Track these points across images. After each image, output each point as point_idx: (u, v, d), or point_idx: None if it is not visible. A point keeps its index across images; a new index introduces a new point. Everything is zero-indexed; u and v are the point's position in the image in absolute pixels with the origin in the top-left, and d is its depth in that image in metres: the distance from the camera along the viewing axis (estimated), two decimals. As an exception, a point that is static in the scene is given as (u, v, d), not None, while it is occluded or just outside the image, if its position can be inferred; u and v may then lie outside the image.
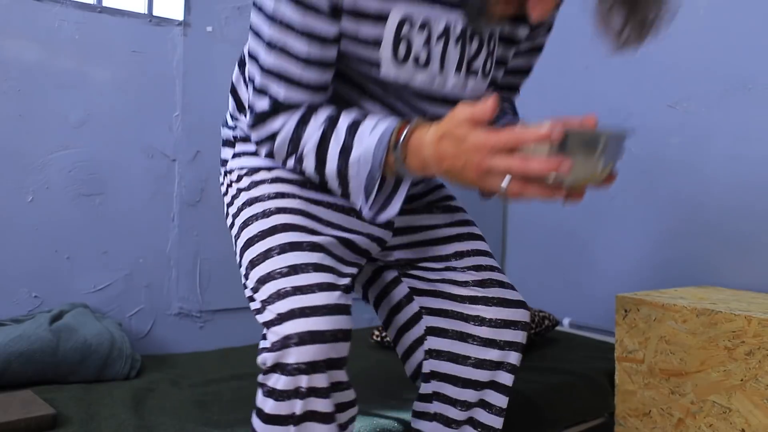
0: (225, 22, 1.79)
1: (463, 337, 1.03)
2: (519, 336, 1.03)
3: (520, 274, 2.39)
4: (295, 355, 0.78)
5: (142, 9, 1.69)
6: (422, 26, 0.86)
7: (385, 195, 0.86)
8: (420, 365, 1.07)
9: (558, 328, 2.12)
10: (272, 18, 0.82)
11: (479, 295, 1.04)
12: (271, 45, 0.84)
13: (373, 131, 0.82)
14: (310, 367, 0.78)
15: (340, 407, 0.85)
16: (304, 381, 0.78)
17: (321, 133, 0.85)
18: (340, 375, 0.84)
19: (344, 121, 0.85)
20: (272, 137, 0.88)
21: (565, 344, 1.91)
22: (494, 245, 2.41)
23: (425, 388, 1.05)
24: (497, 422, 1.03)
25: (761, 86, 1.66)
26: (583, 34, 2.13)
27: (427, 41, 0.87)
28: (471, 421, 1.03)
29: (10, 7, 1.51)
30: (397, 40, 0.85)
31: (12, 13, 1.51)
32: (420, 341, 1.07)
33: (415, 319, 1.08)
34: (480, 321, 1.02)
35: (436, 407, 1.04)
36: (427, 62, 0.88)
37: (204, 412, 1.22)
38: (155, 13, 1.70)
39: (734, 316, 1.31)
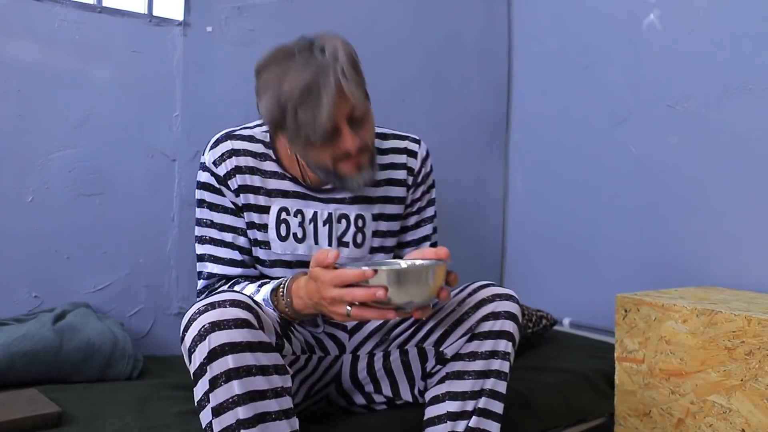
0: (225, 22, 1.79)
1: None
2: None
3: (520, 274, 2.39)
4: None
5: (142, 9, 1.68)
6: (296, 213, 1.20)
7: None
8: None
9: (558, 327, 2.13)
10: (198, 220, 1.20)
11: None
12: (200, 239, 1.20)
13: (261, 293, 1.10)
14: None
15: None
16: None
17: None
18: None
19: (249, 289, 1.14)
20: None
21: (565, 344, 1.91)
22: (494, 245, 2.41)
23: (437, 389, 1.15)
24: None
25: (761, 86, 1.66)
26: (584, 33, 2.14)
27: (301, 224, 1.19)
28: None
29: (9, 7, 1.51)
30: (278, 223, 1.18)
31: (12, 13, 1.51)
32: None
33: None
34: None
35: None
36: (303, 238, 1.20)
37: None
38: (155, 13, 1.70)
39: (734, 316, 1.31)
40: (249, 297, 0.98)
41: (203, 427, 0.93)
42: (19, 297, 1.54)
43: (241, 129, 1.22)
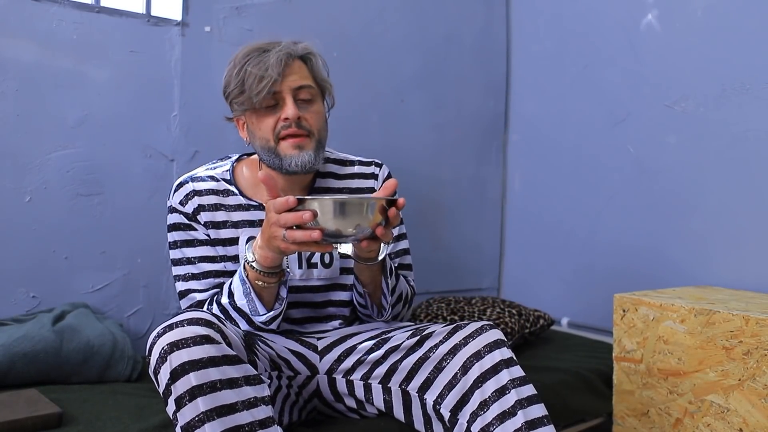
0: (223, 22, 1.79)
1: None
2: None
3: (518, 274, 2.39)
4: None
5: (140, 9, 1.68)
6: None
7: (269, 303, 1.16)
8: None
9: (556, 327, 2.13)
10: (175, 261, 1.28)
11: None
12: (181, 277, 1.26)
13: (234, 277, 1.17)
14: None
15: None
16: None
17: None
18: None
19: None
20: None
21: (563, 344, 1.91)
22: (493, 245, 2.42)
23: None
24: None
25: (759, 86, 1.66)
26: (582, 33, 2.14)
27: None
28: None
29: (7, 7, 1.51)
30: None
31: (10, 13, 1.51)
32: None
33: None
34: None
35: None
36: None
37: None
38: (153, 13, 1.69)
39: (732, 315, 1.31)
40: (210, 313, 0.98)
41: None
42: (17, 297, 1.53)
43: (201, 171, 1.31)
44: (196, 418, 0.89)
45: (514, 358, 1.09)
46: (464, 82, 2.31)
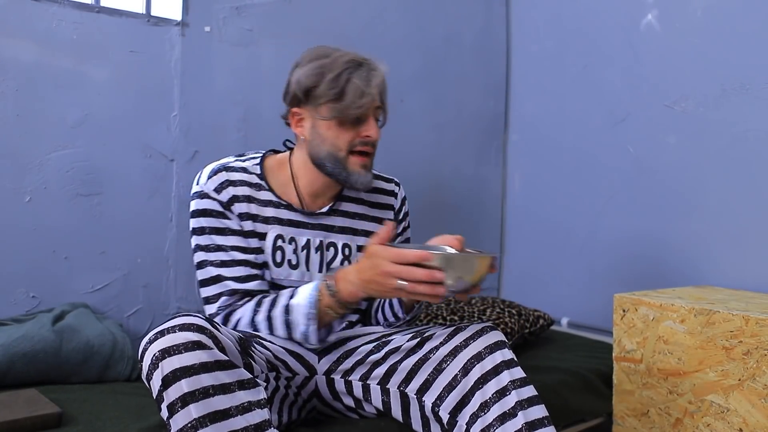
0: (223, 22, 1.79)
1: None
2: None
3: (518, 274, 2.39)
4: None
5: (140, 9, 1.68)
6: (290, 241, 1.25)
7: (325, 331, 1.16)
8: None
9: (556, 327, 2.13)
10: (201, 247, 1.22)
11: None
12: (209, 263, 1.21)
13: (301, 293, 1.15)
14: None
15: None
16: None
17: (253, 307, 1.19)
18: None
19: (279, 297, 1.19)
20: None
21: (563, 344, 1.91)
22: (493, 245, 2.41)
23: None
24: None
25: (758, 86, 1.66)
26: (582, 34, 2.14)
27: (295, 251, 1.25)
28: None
29: (7, 7, 1.51)
30: (274, 249, 1.24)
31: (10, 13, 1.51)
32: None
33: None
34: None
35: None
36: (297, 265, 1.26)
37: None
38: (153, 13, 1.69)
39: (732, 315, 1.31)
40: (203, 318, 0.97)
41: None
42: (17, 297, 1.53)
43: (233, 162, 1.27)
44: (189, 425, 0.89)
45: (515, 359, 1.09)
46: (464, 82, 2.31)
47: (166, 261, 1.72)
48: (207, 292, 1.21)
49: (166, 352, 0.90)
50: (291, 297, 1.15)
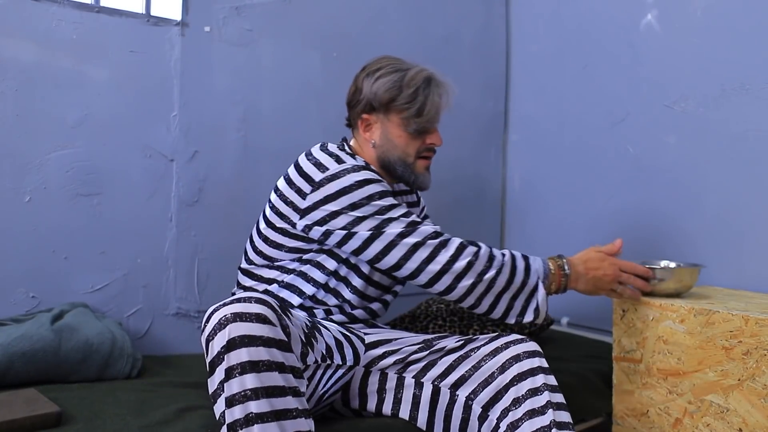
0: (223, 22, 1.79)
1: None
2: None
3: (517, 274, 2.39)
4: None
5: (139, 9, 1.68)
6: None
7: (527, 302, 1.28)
8: None
9: (556, 327, 2.13)
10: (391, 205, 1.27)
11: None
12: (406, 214, 1.30)
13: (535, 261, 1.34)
14: None
15: None
16: None
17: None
18: None
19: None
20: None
21: (563, 343, 1.91)
22: (492, 245, 2.41)
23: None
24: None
25: (758, 86, 1.66)
26: (582, 33, 2.14)
27: None
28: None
29: (7, 6, 1.51)
30: None
31: (9, 13, 1.51)
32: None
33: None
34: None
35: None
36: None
37: (209, 413, 1.21)
38: (153, 13, 1.69)
39: (732, 315, 1.31)
40: (276, 301, 1.01)
41: (217, 418, 0.94)
42: (16, 297, 1.53)
43: (351, 161, 1.31)
44: (242, 394, 0.91)
45: (550, 368, 1.16)
46: (464, 82, 2.31)
47: (165, 261, 1.72)
48: (433, 228, 1.32)
49: (238, 317, 0.93)
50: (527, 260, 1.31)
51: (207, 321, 0.96)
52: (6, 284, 1.52)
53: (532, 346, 1.17)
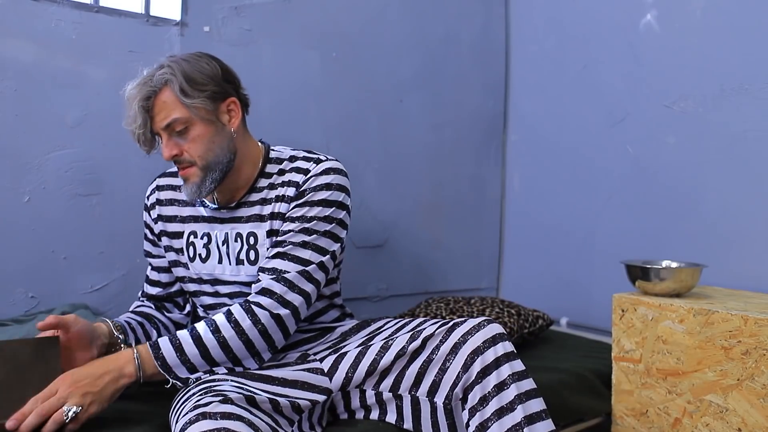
0: (222, 22, 1.79)
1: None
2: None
3: (517, 274, 2.39)
4: None
5: (139, 9, 1.68)
6: (203, 236, 1.32)
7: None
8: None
9: (555, 327, 2.13)
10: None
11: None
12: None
13: None
14: None
15: None
16: None
17: None
18: None
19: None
20: None
21: (562, 344, 1.91)
22: (492, 245, 2.42)
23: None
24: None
25: (757, 86, 1.66)
26: (581, 33, 2.14)
27: (206, 245, 1.32)
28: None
29: (6, 6, 1.50)
30: (187, 246, 1.34)
31: (8, 13, 1.51)
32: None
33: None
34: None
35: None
36: (207, 257, 1.32)
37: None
38: (152, 13, 1.69)
39: (731, 315, 1.31)
40: (237, 405, 0.98)
41: None
42: (16, 297, 1.53)
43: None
44: None
45: (515, 351, 1.11)
46: (463, 82, 2.31)
47: (165, 261, 1.72)
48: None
49: None
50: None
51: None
52: (5, 284, 1.52)
53: (492, 330, 1.11)
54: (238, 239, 1.29)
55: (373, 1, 2.09)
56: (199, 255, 1.32)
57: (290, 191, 1.26)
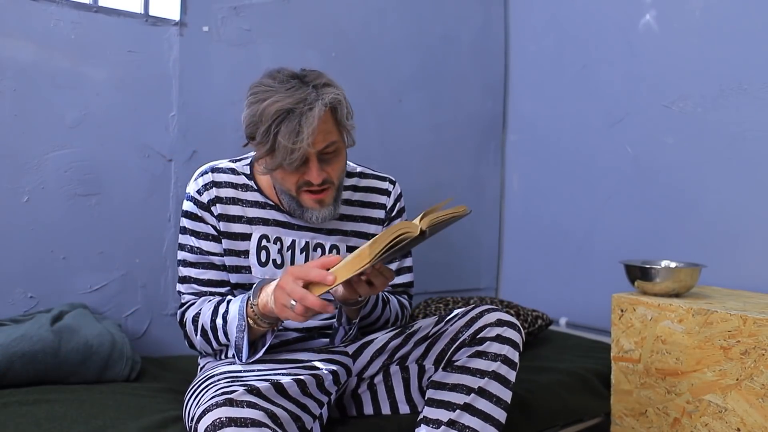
0: (221, 22, 1.79)
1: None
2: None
3: (517, 274, 2.39)
4: None
5: (138, 9, 1.68)
6: (275, 241, 1.26)
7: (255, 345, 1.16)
8: None
9: (554, 327, 2.13)
10: (181, 245, 1.26)
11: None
12: (182, 262, 1.26)
13: (236, 300, 1.16)
14: None
15: None
16: None
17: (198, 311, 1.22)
18: None
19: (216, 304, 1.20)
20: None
21: (562, 344, 1.91)
22: (491, 245, 2.42)
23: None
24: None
25: (756, 86, 1.66)
26: (580, 34, 2.14)
27: (280, 251, 1.26)
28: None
29: (5, 6, 1.50)
30: (258, 250, 1.25)
31: (8, 13, 1.51)
32: None
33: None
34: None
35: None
36: (282, 264, 1.26)
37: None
38: (151, 12, 1.69)
39: (730, 315, 1.31)
40: (259, 395, 0.99)
41: None
42: (15, 297, 1.53)
43: (224, 163, 1.30)
44: None
45: (519, 345, 1.16)
46: (462, 83, 2.31)
47: (164, 261, 1.72)
48: (179, 287, 1.28)
49: (233, 422, 0.92)
50: (226, 310, 1.16)
51: (198, 421, 0.94)
52: (4, 284, 1.52)
53: (509, 317, 1.16)
54: (319, 249, 1.28)
55: (372, 1, 2.09)
56: (273, 261, 1.25)
57: (377, 213, 1.34)
